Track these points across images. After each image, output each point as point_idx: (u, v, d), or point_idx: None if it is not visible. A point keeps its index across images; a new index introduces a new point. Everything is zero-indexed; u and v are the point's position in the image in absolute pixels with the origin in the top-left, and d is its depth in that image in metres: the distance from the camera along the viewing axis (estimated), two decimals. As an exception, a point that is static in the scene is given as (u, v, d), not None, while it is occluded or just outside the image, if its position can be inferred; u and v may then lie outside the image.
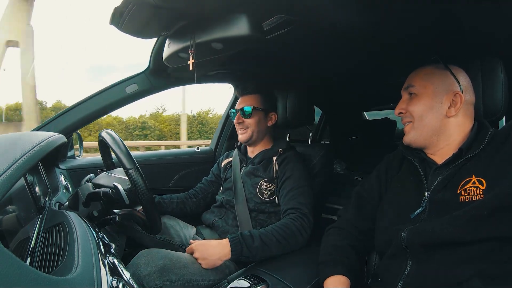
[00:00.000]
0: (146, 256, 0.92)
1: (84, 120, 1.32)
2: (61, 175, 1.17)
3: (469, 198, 0.65)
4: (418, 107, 0.78)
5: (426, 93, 0.77)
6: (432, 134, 0.77)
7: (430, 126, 0.76)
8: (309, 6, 0.78)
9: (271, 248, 0.98)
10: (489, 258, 0.61)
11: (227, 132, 1.98)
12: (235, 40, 0.75)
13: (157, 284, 0.87)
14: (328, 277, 0.78)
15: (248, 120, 1.26)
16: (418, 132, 0.78)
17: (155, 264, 0.90)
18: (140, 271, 0.88)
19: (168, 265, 0.91)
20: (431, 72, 0.79)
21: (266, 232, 1.01)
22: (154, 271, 0.88)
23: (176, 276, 0.92)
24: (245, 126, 1.27)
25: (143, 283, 0.87)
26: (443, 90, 0.75)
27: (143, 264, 0.90)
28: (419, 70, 0.82)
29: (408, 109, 0.80)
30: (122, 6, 0.70)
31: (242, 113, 1.26)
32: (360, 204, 0.89)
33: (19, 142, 0.54)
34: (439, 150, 0.77)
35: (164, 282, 0.89)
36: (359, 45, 1.12)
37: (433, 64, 0.80)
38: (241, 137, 1.29)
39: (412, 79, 0.81)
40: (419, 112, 0.78)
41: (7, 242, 0.49)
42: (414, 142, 0.80)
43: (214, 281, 0.97)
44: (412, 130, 0.79)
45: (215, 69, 1.42)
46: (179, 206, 1.33)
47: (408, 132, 0.81)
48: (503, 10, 0.78)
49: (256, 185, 1.21)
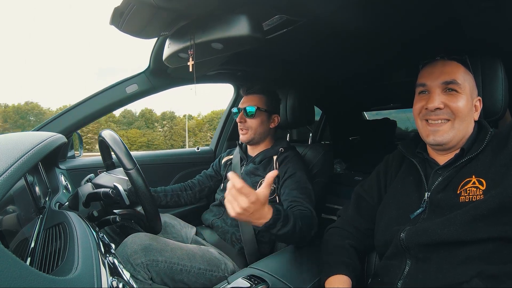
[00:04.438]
0: (133, 236, 0.95)
1: (84, 120, 1.32)
2: (61, 175, 1.17)
3: (469, 198, 0.65)
4: (463, 105, 0.70)
5: (466, 92, 0.72)
6: (463, 136, 0.73)
7: (466, 127, 0.72)
8: (309, 6, 0.78)
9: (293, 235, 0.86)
10: (489, 258, 0.61)
11: (227, 132, 1.99)
12: (235, 40, 0.75)
13: (143, 261, 0.90)
14: (330, 276, 0.78)
15: (250, 120, 1.25)
16: (456, 132, 0.71)
17: (140, 243, 0.93)
18: (126, 249, 0.91)
19: (154, 246, 0.94)
20: (465, 72, 0.74)
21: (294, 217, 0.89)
22: (139, 249, 0.91)
23: (162, 257, 0.94)
24: (247, 127, 1.25)
25: (130, 260, 0.89)
26: (473, 94, 0.75)
27: (130, 243, 0.93)
28: (457, 66, 0.74)
29: (450, 105, 0.71)
30: (122, 6, 0.70)
31: (245, 113, 1.25)
32: (360, 204, 0.89)
33: (19, 142, 0.54)
34: (451, 150, 0.75)
35: (150, 262, 0.91)
36: (359, 45, 1.12)
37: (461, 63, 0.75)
38: (242, 137, 1.27)
39: (455, 75, 0.72)
40: (464, 111, 0.71)
41: (7, 242, 0.49)
42: (448, 143, 0.72)
43: (204, 270, 0.99)
44: (450, 129, 0.71)
45: (215, 69, 1.42)
46: (174, 199, 1.33)
47: (444, 131, 0.71)
48: (502, 10, 0.78)
49: (256, 184, 1.21)
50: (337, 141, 2.52)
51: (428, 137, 0.74)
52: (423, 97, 0.76)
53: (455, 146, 0.74)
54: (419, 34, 0.98)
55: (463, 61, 0.75)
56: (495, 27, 0.89)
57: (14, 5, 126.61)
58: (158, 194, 1.29)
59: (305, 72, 1.55)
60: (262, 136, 1.28)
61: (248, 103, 1.25)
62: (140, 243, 0.92)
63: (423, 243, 0.67)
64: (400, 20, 0.88)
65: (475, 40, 1.00)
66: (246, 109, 1.24)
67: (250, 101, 1.26)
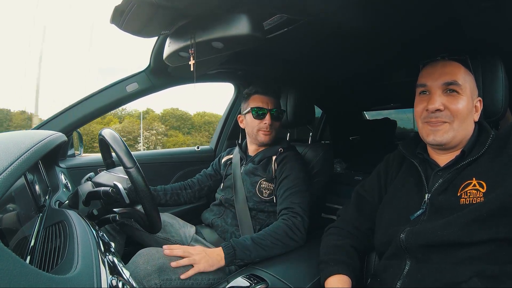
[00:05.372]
0: (145, 255, 0.92)
1: (84, 118, 1.32)
2: (61, 173, 1.17)
3: (469, 200, 0.65)
4: (463, 107, 0.70)
5: (467, 93, 0.72)
6: (463, 137, 0.73)
7: (467, 128, 0.72)
8: (309, 6, 0.78)
9: (264, 248, 0.97)
10: (489, 259, 0.61)
11: (227, 131, 1.98)
12: (235, 39, 0.75)
13: (157, 283, 0.87)
14: (330, 276, 0.77)
15: (276, 123, 1.26)
16: (455, 133, 0.71)
17: (154, 263, 0.90)
18: (139, 270, 0.88)
19: (167, 264, 0.91)
20: (466, 73, 0.74)
21: (257, 235, 1.01)
22: (153, 270, 0.88)
23: (176, 275, 0.91)
24: (272, 128, 1.25)
25: (143, 282, 0.87)
26: (474, 95, 0.74)
27: (143, 263, 0.89)
28: (458, 66, 0.73)
29: (450, 107, 0.71)
30: (123, 5, 0.70)
31: (273, 115, 1.24)
32: (360, 204, 0.89)
33: (20, 140, 0.54)
34: (452, 151, 0.75)
35: (164, 281, 0.89)
36: (359, 45, 1.12)
37: (461, 62, 0.75)
38: (266, 138, 1.25)
39: (455, 75, 0.72)
40: (464, 113, 0.71)
41: (7, 241, 0.49)
42: (448, 143, 0.72)
43: (213, 279, 0.97)
44: (450, 130, 0.71)
45: (216, 68, 1.42)
46: (173, 198, 1.33)
47: (444, 132, 0.71)
48: (502, 10, 0.78)
49: (256, 184, 1.21)
50: (337, 141, 2.52)
51: (429, 136, 0.73)
52: (424, 98, 0.75)
53: (456, 147, 0.74)
54: (419, 34, 0.98)
55: (464, 61, 0.75)
56: (495, 27, 0.89)
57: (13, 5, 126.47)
58: (157, 192, 1.29)
59: (305, 71, 1.55)
60: (278, 136, 1.30)
61: (273, 105, 1.25)
62: (153, 263, 0.89)
63: (423, 244, 0.67)
64: (400, 20, 0.88)
65: (475, 40, 1.00)
66: (273, 111, 1.24)
67: (273, 102, 1.26)
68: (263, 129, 1.24)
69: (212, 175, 1.43)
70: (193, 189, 1.39)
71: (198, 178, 1.42)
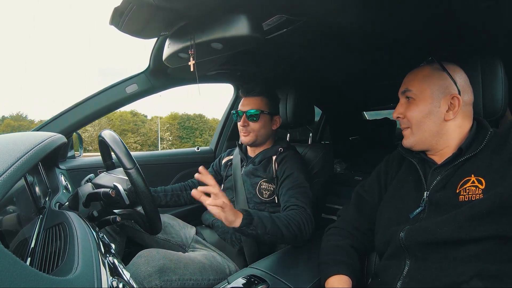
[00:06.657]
0: (146, 256, 0.92)
1: (84, 120, 1.32)
2: (61, 175, 1.17)
3: (468, 197, 0.65)
4: (416, 113, 0.76)
5: (424, 97, 0.75)
6: (431, 139, 0.76)
7: (428, 131, 0.75)
8: (309, 6, 0.78)
9: (279, 228, 0.92)
10: (489, 257, 0.60)
11: (227, 132, 1.99)
12: (235, 40, 0.75)
13: (157, 284, 0.87)
14: (330, 276, 0.77)
15: (253, 124, 1.22)
16: (417, 138, 0.77)
17: (154, 264, 0.90)
18: (140, 271, 0.88)
19: (168, 265, 0.91)
20: (428, 75, 0.76)
21: (274, 214, 0.96)
22: (154, 271, 0.88)
23: (176, 276, 0.92)
24: (250, 130, 1.23)
25: (143, 283, 0.87)
26: (441, 93, 0.74)
27: (143, 264, 0.90)
28: (416, 72, 0.79)
29: (406, 115, 0.78)
30: (122, 6, 0.70)
31: (248, 117, 1.22)
32: (360, 204, 0.89)
33: (19, 142, 0.54)
34: (439, 151, 0.76)
35: (164, 282, 0.89)
36: (359, 45, 1.12)
37: (429, 65, 0.77)
38: (244, 139, 1.25)
39: (409, 83, 0.78)
40: (417, 118, 0.76)
41: (7, 243, 0.49)
42: (414, 147, 0.79)
43: (214, 280, 0.97)
44: (411, 135, 0.78)
45: (215, 69, 1.42)
46: (173, 199, 1.33)
47: (407, 137, 0.79)
48: (502, 10, 0.78)
49: (256, 185, 1.21)
50: (337, 141, 2.53)
51: (403, 141, 0.82)
52: None
53: (443, 149, 0.75)
54: (419, 34, 0.98)
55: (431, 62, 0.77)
56: (495, 27, 0.89)
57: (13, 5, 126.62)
58: (158, 194, 1.29)
59: (304, 72, 1.55)
60: (264, 138, 1.26)
61: (250, 106, 1.22)
62: (154, 264, 0.89)
63: (422, 242, 0.67)
64: (400, 20, 0.88)
65: (475, 40, 1.00)
66: (249, 112, 1.21)
67: (252, 104, 1.22)
68: (241, 130, 1.25)
69: (213, 176, 1.42)
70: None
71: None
